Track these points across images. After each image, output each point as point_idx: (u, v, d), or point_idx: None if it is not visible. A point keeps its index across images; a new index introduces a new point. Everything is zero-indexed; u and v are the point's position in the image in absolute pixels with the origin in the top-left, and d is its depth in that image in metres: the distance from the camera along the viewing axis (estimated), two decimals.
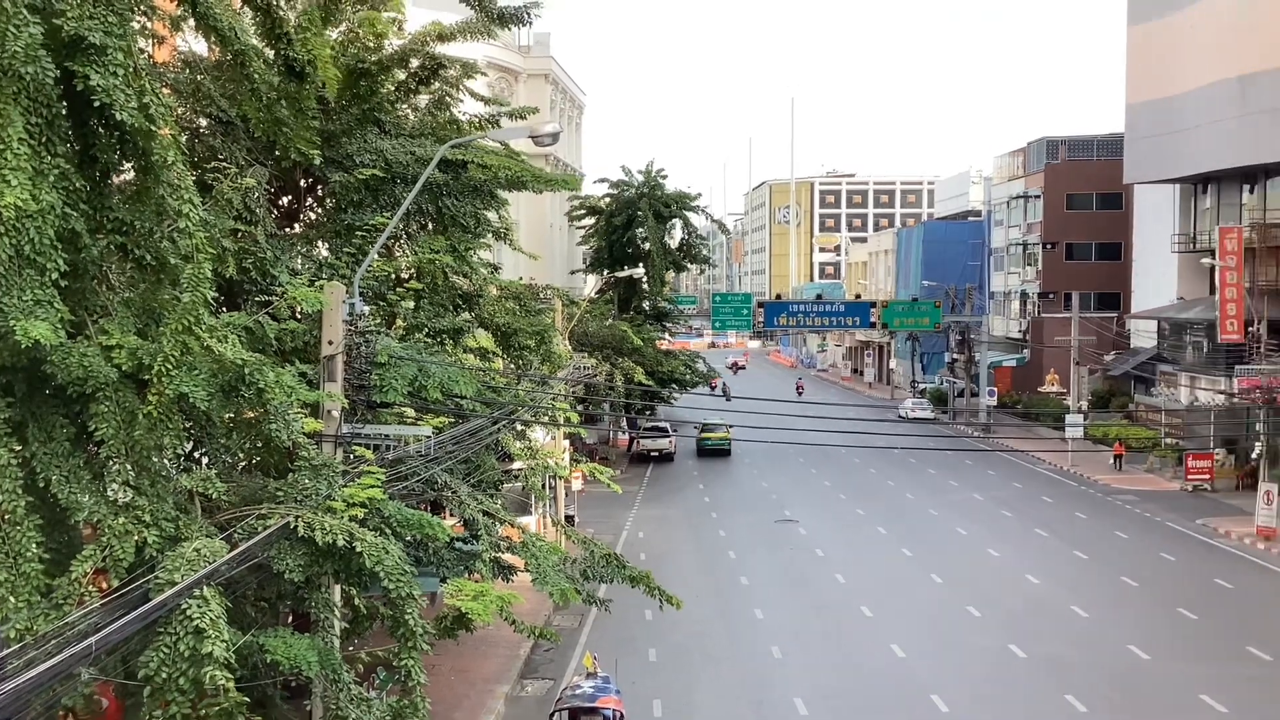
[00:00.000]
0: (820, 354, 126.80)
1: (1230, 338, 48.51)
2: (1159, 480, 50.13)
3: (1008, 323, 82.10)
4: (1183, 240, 60.91)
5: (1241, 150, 52.21)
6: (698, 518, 44.14)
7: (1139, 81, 61.63)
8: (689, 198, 67.03)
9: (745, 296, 74.15)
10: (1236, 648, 26.52)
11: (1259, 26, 50.81)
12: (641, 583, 21.57)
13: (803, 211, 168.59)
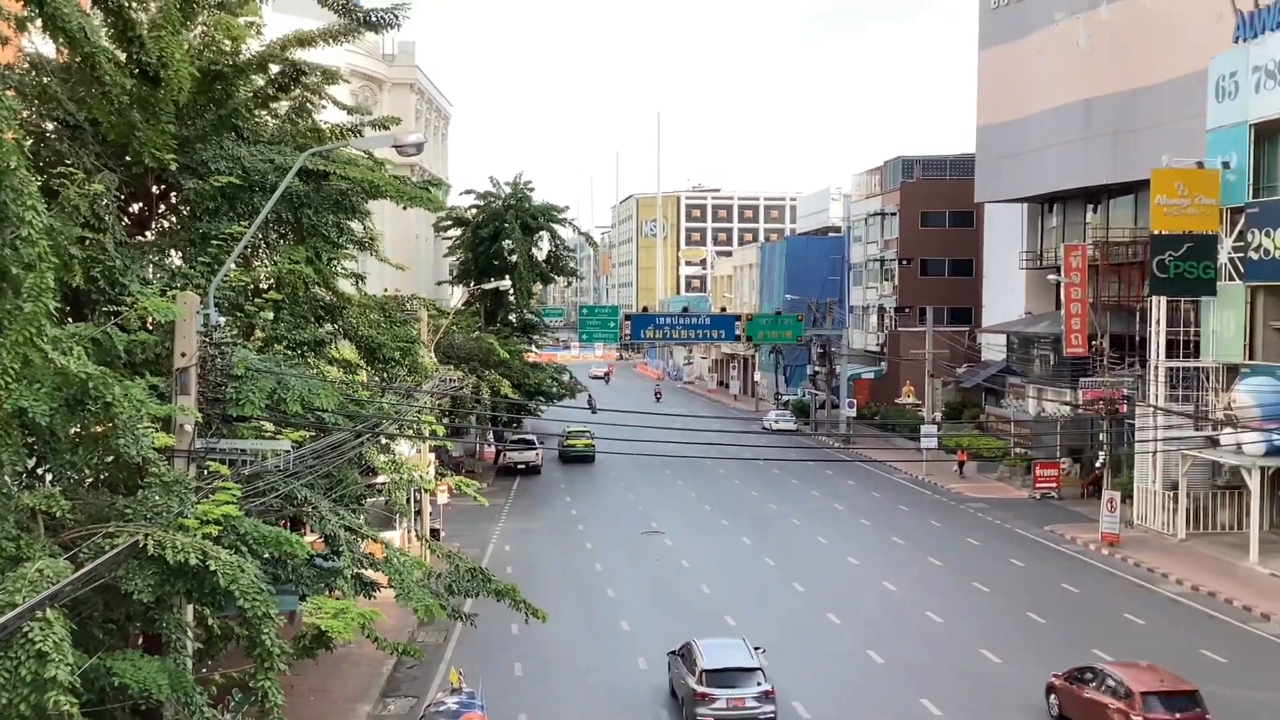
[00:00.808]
0: (687, 366, 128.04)
1: (1075, 351, 50.56)
2: (1009, 489, 51.93)
3: (866, 336, 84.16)
4: (1030, 257, 63.36)
5: (1085, 171, 54.60)
6: (565, 530, 44.10)
7: (989, 104, 63.95)
8: (556, 210, 67.09)
9: (612, 309, 74.38)
10: (1082, 650, 27.56)
11: (1101, 52, 53.26)
12: (507, 596, 21.43)
13: (669, 225, 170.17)
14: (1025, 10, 59.85)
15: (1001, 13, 62.23)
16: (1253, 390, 36.59)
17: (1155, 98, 49.09)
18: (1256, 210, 38.18)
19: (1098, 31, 53.62)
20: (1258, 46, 37.92)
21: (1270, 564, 34.92)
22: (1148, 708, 20.95)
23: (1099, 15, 53.44)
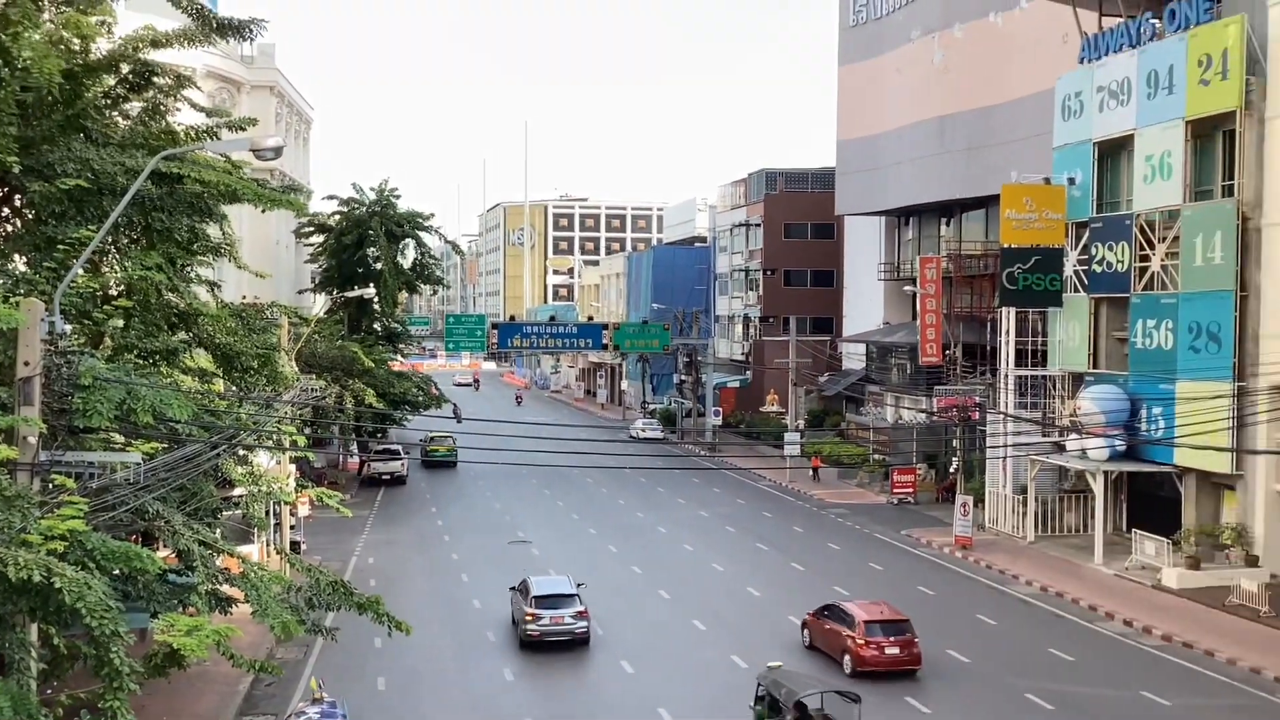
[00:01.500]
0: (554, 375, 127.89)
1: (930, 360, 52.14)
2: (868, 494, 53.21)
3: (732, 345, 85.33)
4: (888, 269, 65.16)
5: (940, 186, 56.41)
6: (430, 541, 43.61)
7: (848, 119, 65.60)
8: (422, 217, 66.39)
9: (479, 318, 73.94)
10: (938, 651, 28.40)
11: (955, 70, 55.11)
12: (370, 609, 21.09)
13: (537, 234, 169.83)
14: (882, 28, 61.58)
15: (860, 30, 63.92)
16: (1096, 398, 38.22)
17: (1006, 115, 51.00)
18: (1100, 225, 39.95)
19: (951, 50, 55.47)
20: (1101, 68, 39.71)
21: (1113, 565, 36.49)
22: (869, 632, 26.54)
23: (953, 34, 55.31)
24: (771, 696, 21.22)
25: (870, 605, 28.06)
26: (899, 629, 26.74)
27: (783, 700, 20.62)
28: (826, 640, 27.95)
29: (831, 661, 27.47)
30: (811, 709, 20.88)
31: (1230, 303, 34.17)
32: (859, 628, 26.72)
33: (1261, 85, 33.84)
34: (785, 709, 20.51)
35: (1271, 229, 33.61)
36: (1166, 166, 36.73)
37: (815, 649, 28.46)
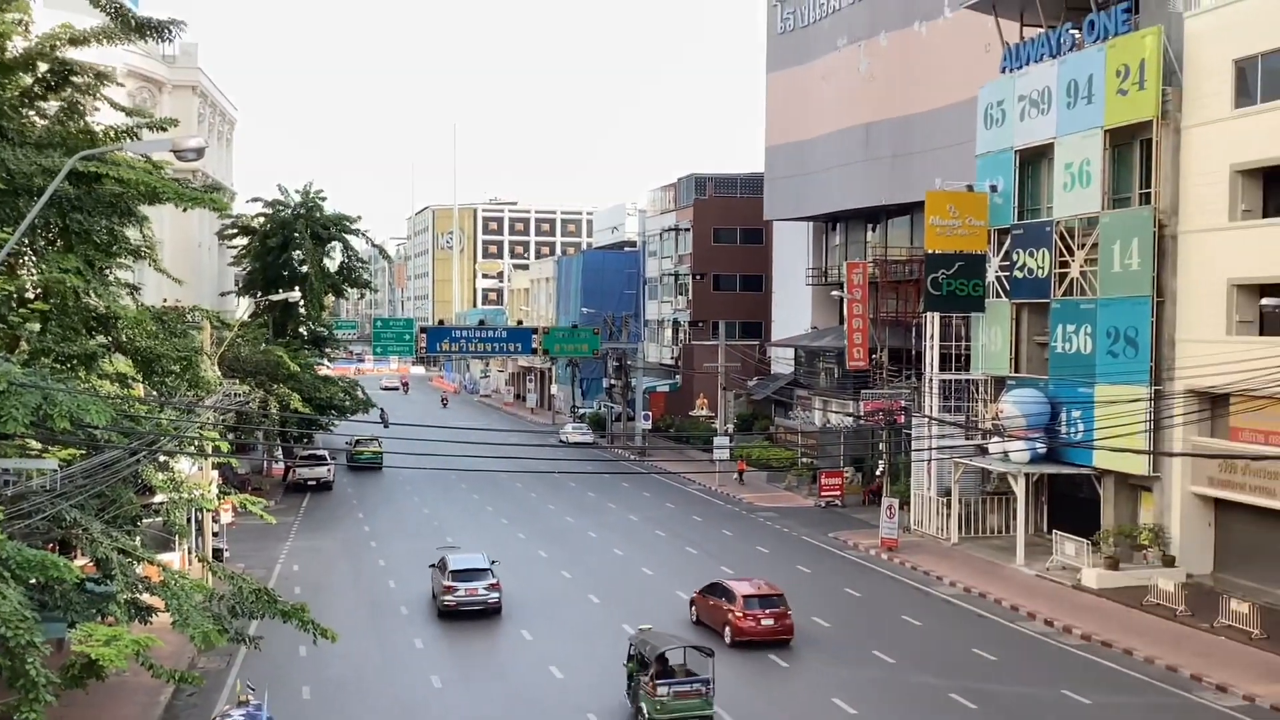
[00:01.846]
0: (483, 379, 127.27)
1: (857, 364, 52.72)
2: (796, 497, 53.64)
3: (661, 349, 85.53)
4: (815, 274, 65.78)
5: (866, 192, 57.08)
6: (357, 547, 43.15)
7: (777, 125, 66.14)
8: (349, 220, 65.69)
9: (407, 322, 73.38)
10: (864, 652, 28.75)
11: (880, 78, 55.81)
12: (294, 617, 20.84)
13: (466, 238, 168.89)
14: (810, 36, 62.19)
15: (788, 37, 64.49)
16: (1018, 401, 38.91)
17: (930, 123, 51.76)
18: (1021, 231, 40.69)
19: (877, 59, 56.18)
20: (1022, 77, 40.47)
21: (1034, 565, 37.16)
22: (747, 605, 29.36)
23: (878, 43, 56.02)
24: (640, 654, 24.17)
25: (749, 582, 31.15)
26: (774, 603, 29.63)
27: (648, 655, 23.75)
28: (710, 615, 30.75)
29: (715, 634, 29.90)
30: (674, 663, 24.30)
31: (1147, 308, 35.00)
32: (739, 602, 29.55)
33: (1177, 95, 34.71)
34: (650, 663, 23.62)
35: (1186, 236, 34.49)
36: (1086, 174, 37.52)
37: (701, 624, 31.13)
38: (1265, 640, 28.23)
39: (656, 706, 23.16)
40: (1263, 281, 31.74)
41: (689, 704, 23.35)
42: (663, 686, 23.33)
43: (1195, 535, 34.74)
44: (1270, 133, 31.75)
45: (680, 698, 23.36)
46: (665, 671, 23.82)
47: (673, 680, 23.64)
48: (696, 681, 23.69)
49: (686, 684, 23.60)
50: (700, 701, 23.46)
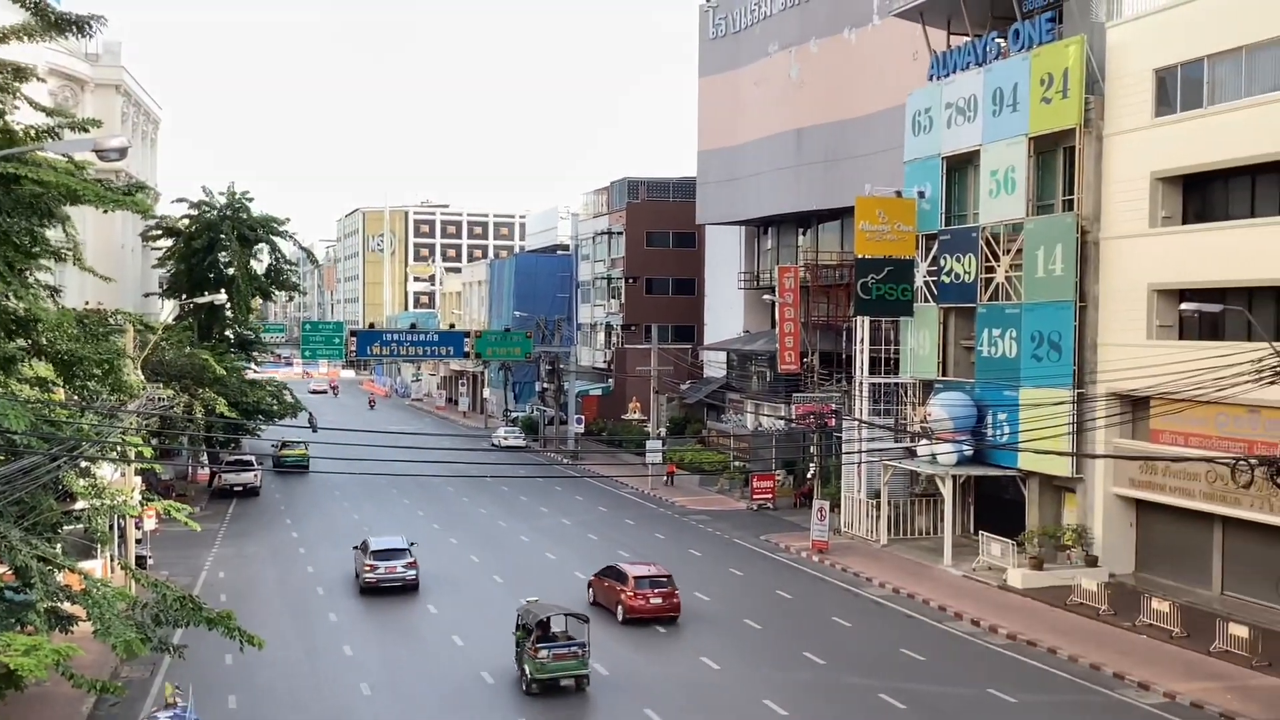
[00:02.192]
0: (415, 383, 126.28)
1: (788, 368, 53.13)
2: (729, 501, 53.88)
3: (594, 353, 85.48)
4: (747, 278, 66.16)
5: (797, 197, 57.54)
6: (285, 553, 42.57)
7: (709, 130, 66.47)
8: (277, 222, 64.79)
9: (337, 325, 72.55)
10: (795, 654, 28.95)
11: (811, 84, 56.32)
12: (220, 624, 20.46)
13: (397, 240, 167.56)
14: (741, 42, 62.59)
15: (720, 43, 64.83)
16: (945, 404, 39.46)
17: (860, 129, 52.33)
18: (948, 237, 41.28)
19: (808, 65, 56.68)
20: (949, 85, 41.07)
21: (962, 566, 37.69)
22: (638, 585, 31.87)
23: (809, 49, 56.52)
24: (526, 623, 26.87)
25: (641, 565, 34.05)
26: (662, 583, 32.16)
27: (531, 623, 26.52)
28: (606, 595, 33.17)
29: (609, 613, 32.41)
30: (555, 630, 27.07)
31: (1070, 312, 35.67)
32: (630, 583, 32.11)
33: (1100, 103, 35.44)
34: (532, 629, 26.35)
35: (1108, 242, 35.22)
36: (1011, 181, 38.16)
37: (597, 604, 33.34)
38: (1185, 638, 28.89)
39: (537, 666, 25.97)
40: (1182, 286, 32.49)
41: (565, 664, 26.09)
42: (543, 649, 26.03)
43: (1117, 536, 35.48)
44: (1189, 141, 32.54)
45: (558, 659, 26.06)
46: (546, 636, 26.51)
47: (552, 644, 26.32)
48: (574, 645, 26.35)
49: (564, 647, 26.28)
50: (576, 662, 26.17)
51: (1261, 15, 30.31)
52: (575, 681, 26.26)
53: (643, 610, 31.67)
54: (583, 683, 26.31)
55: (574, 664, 26.17)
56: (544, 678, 25.97)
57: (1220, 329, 31.90)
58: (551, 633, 26.91)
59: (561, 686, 26.19)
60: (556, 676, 26.10)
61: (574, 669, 26.19)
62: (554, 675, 26.07)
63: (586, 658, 26.32)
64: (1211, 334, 32.08)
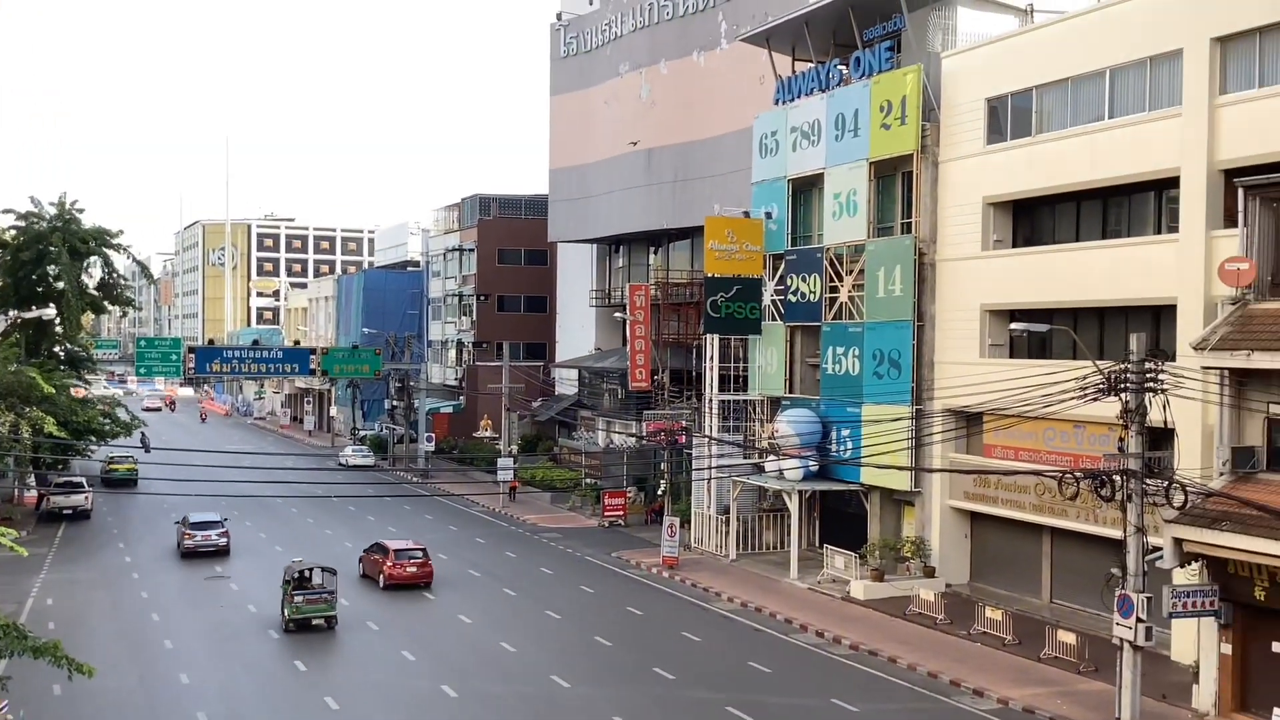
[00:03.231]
0: (258, 401, 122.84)
1: (639, 385, 53.51)
2: (580, 518, 53.89)
3: (445, 370, 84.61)
4: (599, 296, 66.48)
5: (648, 216, 58.13)
6: (117, 579, 40.85)
7: (560, 148, 66.65)
8: (110, 234, 62.29)
9: (175, 341, 69.89)
10: (645, 669, 29.09)
11: (661, 105, 57.02)
12: (47, 653, 19.52)
13: (239, 254, 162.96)
14: (592, 61, 62.99)
15: (570, 61, 65.12)
16: (791, 421, 40.30)
17: (709, 150, 53.20)
18: (794, 257, 42.24)
19: (658, 86, 57.39)
20: (794, 109, 42.10)
21: (807, 579, 38.49)
22: (397, 558, 38.34)
23: (659, 70, 57.24)
24: (289, 578, 33.00)
25: (400, 541, 40.73)
26: (417, 556, 38.67)
27: (292, 577, 32.81)
28: (372, 567, 39.63)
29: (374, 582, 39.01)
30: (313, 581, 33.20)
31: (909, 331, 36.88)
32: (390, 555, 38.50)
33: (936, 130, 36.80)
34: (292, 580, 32.69)
35: (944, 264, 36.55)
36: (853, 204, 39.30)
37: (365, 576, 39.98)
38: (1017, 645, 30.07)
39: (294, 609, 32.37)
40: (1012, 307, 33.92)
41: (316, 607, 32.55)
42: (299, 596, 32.44)
43: (953, 547, 36.75)
44: (1019, 168, 34.04)
45: (310, 603, 32.50)
46: (302, 585, 32.83)
47: (306, 590, 32.68)
48: (324, 592, 32.78)
49: (316, 594, 32.67)
50: (325, 605, 32.67)
51: (1085, 48, 31.96)
52: (325, 620, 32.60)
53: (400, 577, 38.15)
54: (331, 622, 32.64)
55: (323, 607, 32.63)
56: (299, 618, 32.38)
57: (1048, 348, 33.40)
58: (308, 583, 33.00)
59: (313, 625, 32.45)
60: (309, 616, 32.46)
61: (323, 611, 32.63)
62: (307, 615, 32.47)
63: (334, 602, 32.81)
64: (1040, 352, 33.57)
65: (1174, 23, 28.90)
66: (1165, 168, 29.33)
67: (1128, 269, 30.44)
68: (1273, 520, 21.68)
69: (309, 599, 32.44)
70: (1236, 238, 25.06)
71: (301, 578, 33.07)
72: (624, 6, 60.11)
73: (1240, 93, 27.50)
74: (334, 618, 32.65)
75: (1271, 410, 23.66)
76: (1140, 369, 21.96)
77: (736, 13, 51.39)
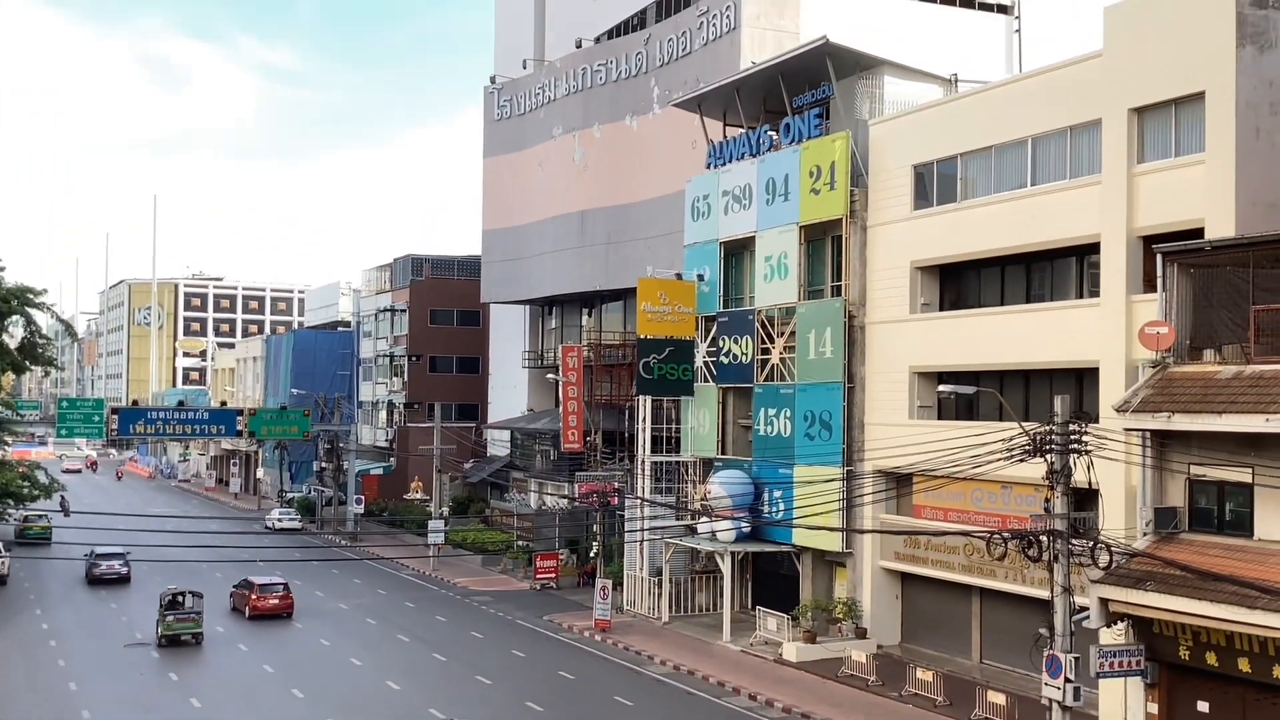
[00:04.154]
0: (182, 463, 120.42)
1: (571, 447, 53.32)
2: (512, 581, 53.29)
3: (375, 431, 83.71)
4: (532, 357, 66.38)
5: (581, 278, 58.34)
6: (33, 648, 39.50)
7: (493, 209, 66.84)
8: (33, 293, 61.12)
9: (97, 402, 68.41)
10: None
11: (594, 167, 57.50)
12: None
13: (166, 314, 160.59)
14: (526, 124, 63.42)
15: (505, 124, 65.51)
16: (724, 482, 40.34)
17: (642, 213, 53.64)
18: (726, 319, 42.56)
19: (591, 149, 57.88)
20: (726, 173, 42.65)
21: (740, 641, 38.32)
22: (260, 591, 43.83)
23: (592, 134, 57.77)
24: (163, 602, 38.93)
25: (265, 576, 45.42)
26: (279, 589, 44.14)
27: (165, 600, 38.94)
28: (240, 601, 44.71)
29: (240, 613, 44.03)
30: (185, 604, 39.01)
31: (839, 393, 37.21)
32: (255, 589, 43.77)
33: (864, 195, 37.46)
34: (165, 603, 38.79)
35: (873, 326, 37.03)
36: (784, 266, 39.76)
37: (235, 609, 44.74)
38: (948, 706, 30.12)
39: (165, 627, 38.34)
40: (940, 369, 34.41)
41: (185, 625, 38.46)
42: (170, 615, 38.39)
43: (884, 608, 36.85)
44: (945, 233, 34.70)
45: (180, 621, 38.44)
46: (173, 607, 38.76)
47: (177, 611, 38.59)
48: (192, 612, 38.73)
49: (185, 614, 38.58)
50: (192, 623, 38.51)
51: (1008, 118, 32.81)
52: (193, 636, 38.34)
53: (263, 608, 43.51)
54: (199, 638, 38.40)
55: (191, 625, 38.46)
56: (170, 634, 38.17)
57: (976, 409, 33.87)
58: (180, 605, 38.78)
59: (183, 641, 38.25)
60: (179, 633, 38.29)
61: (191, 628, 38.44)
62: (177, 632, 38.29)
63: (200, 621, 38.68)
64: (968, 414, 34.01)
65: (1093, 94, 29.79)
66: (1086, 234, 30.06)
67: (1051, 332, 31.05)
68: (1196, 580, 22.04)
69: (179, 618, 38.25)
70: (1156, 302, 25.69)
71: (174, 600, 38.82)
72: (558, 71, 60.72)
73: (1157, 161, 28.34)
74: (200, 634, 38.33)
75: (1193, 471, 24.13)
76: (1065, 431, 22.34)
77: (668, 79, 52.15)
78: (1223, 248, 24.60)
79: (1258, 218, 25.79)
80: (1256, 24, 26.39)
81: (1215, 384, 23.49)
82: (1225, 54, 26.39)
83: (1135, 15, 28.70)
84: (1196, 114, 27.21)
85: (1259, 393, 22.50)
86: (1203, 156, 26.95)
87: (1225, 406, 22.68)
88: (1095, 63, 29.83)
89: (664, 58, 53.14)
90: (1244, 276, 24.08)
